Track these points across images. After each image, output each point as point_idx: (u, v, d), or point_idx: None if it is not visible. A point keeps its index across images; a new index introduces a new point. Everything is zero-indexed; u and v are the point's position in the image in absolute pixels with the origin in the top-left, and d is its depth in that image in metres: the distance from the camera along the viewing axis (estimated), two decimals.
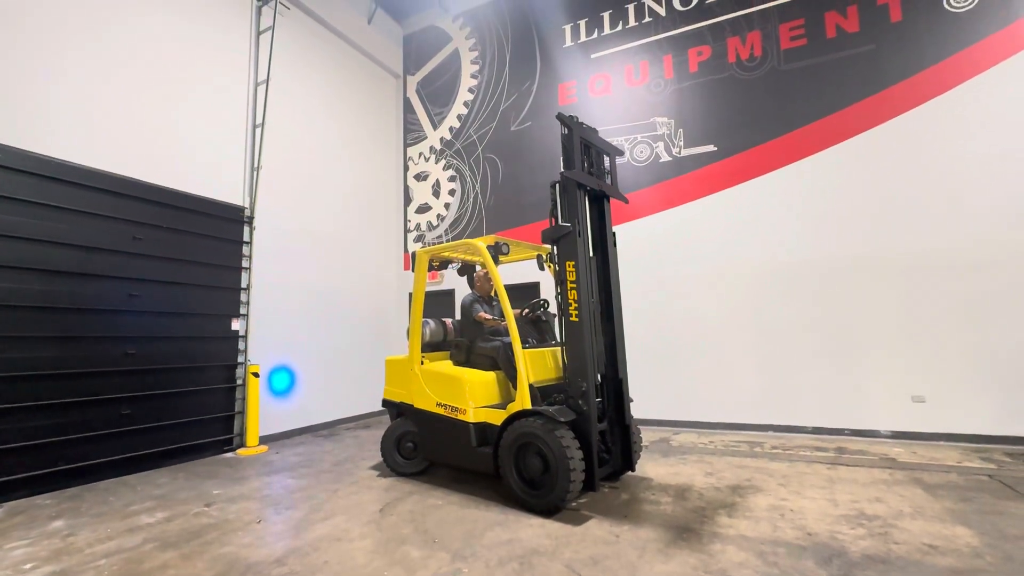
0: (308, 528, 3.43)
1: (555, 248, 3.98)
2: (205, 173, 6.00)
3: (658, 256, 6.97)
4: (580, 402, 3.67)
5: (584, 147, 4.20)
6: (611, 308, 4.20)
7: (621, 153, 4.71)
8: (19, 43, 4.52)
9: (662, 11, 7.37)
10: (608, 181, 4.46)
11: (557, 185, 4.05)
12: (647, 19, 7.47)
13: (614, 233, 4.38)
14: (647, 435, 6.13)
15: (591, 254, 4.19)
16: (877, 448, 5.22)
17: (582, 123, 4.19)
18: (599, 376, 4.10)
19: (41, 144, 4.60)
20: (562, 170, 4.05)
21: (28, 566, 2.94)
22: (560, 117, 4.11)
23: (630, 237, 7.01)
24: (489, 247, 4.21)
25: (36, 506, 4.04)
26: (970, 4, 5.66)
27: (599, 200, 4.36)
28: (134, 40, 5.44)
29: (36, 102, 4.61)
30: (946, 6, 5.76)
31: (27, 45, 4.58)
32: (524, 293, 7.39)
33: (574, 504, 3.72)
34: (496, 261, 4.23)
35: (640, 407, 6.35)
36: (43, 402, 4.45)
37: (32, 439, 4.35)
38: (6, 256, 4.30)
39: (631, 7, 7.60)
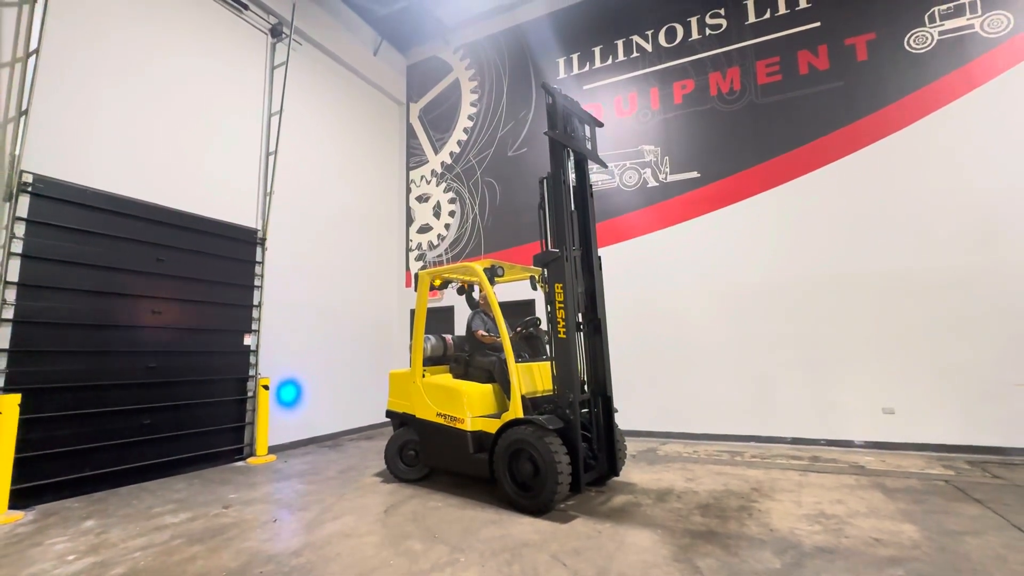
0: (320, 526, 3.78)
1: (545, 271, 4.39)
2: (223, 198, 6.45)
3: (646, 275, 7.39)
4: (567, 411, 4.04)
5: (566, 116, 4.68)
6: (598, 324, 4.59)
7: (601, 124, 5.24)
8: (63, 86, 5.00)
9: (649, 47, 7.91)
10: (588, 147, 4.98)
11: (545, 180, 4.51)
12: (635, 54, 8.00)
13: (599, 257, 4.79)
14: (637, 446, 6.47)
15: (572, 208, 4.58)
16: (849, 457, 5.57)
17: (565, 95, 4.68)
18: (587, 388, 4.48)
19: (79, 175, 5.04)
20: (546, 131, 4.54)
21: (71, 557, 3.28)
22: (544, 86, 4.62)
23: (620, 257, 7.45)
24: (485, 270, 4.62)
25: (66, 508, 4.38)
26: (928, 46, 6.17)
27: (580, 165, 4.85)
28: (163, 79, 5.93)
29: (76, 137, 5.07)
30: (906, 47, 6.27)
31: (69, 87, 5.06)
32: (520, 309, 7.78)
33: (562, 506, 4.07)
34: (492, 282, 4.64)
35: (630, 419, 6.72)
36: (72, 412, 4.81)
37: (62, 446, 4.70)
38: (44, 277, 4.71)
39: (620, 43, 8.14)
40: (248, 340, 6.56)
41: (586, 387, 4.51)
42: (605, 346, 4.58)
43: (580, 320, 4.47)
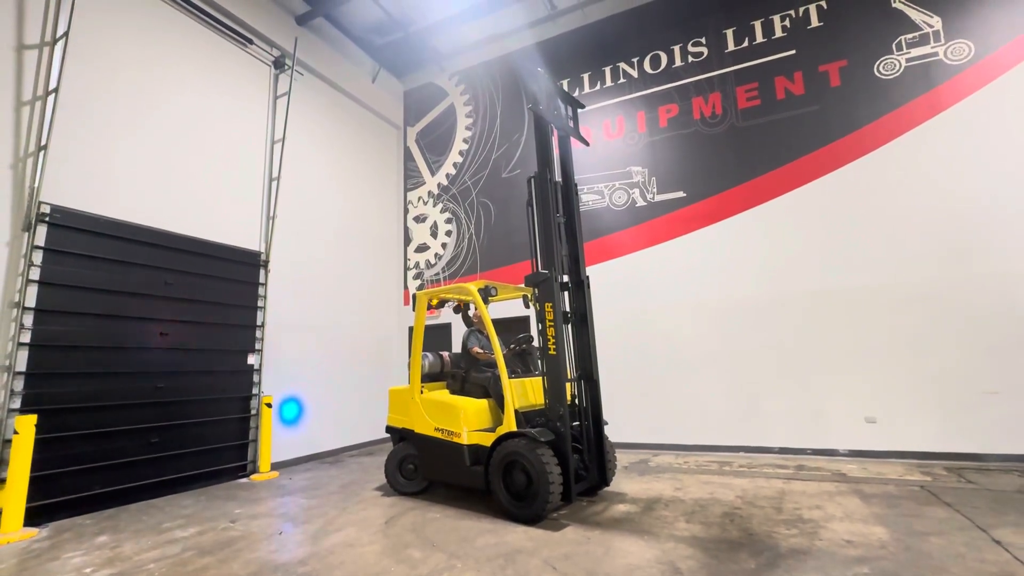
0: (324, 538, 3.96)
1: (536, 290, 4.65)
2: (228, 223, 6.73)
3: (636, 292, 7.65)
4: (558, 424, 4.26)
5: (549, 96, 5.03)
6: (588, 339, 4.82)
7: (582, 106, 5.65)
8: (79, 121, 5.30)
9: (635, 73, 8.29)
10: (571, 126, 5.39)
11: (533, 179, 4.80)
12: (622, 80, 8.38)
13: (588, 276, 5.05)
14: (630, 457, 6.66)
15: (558, 179, 4.95)
16: (833, 465, 5.77)
17: (549, 76, 5.06)
18: (577, 401, 4.71)
19: (93, 204, 5.32)
20: (529, 105, 4.88)
21: (89, 570, 3.47)
22: (523, 66, 4.98)
23: (611, 274, 7.74)
24: (479, 290, 4.88)
25: (79, 525, 4.55)
26: (896, 73, 6.55)
27: (563, 144, 5.23)
28: (172, 112, 6.24)
29: (91, 169, 5.36)
30: (876, 74, 6.64)
31: (84, 122, 5.36)
32: (514, 326, 8.02)
33: (554, 515, 4.27)
34: (486, 302, 4.89)
35: (624, 431, 6.94)
36: (84, 431, 5.01)
37: (74, 465, 4.89)
38: (60, 302, 4.95)
39: (608, 69, 8.53)
40: (251, 359, 6.77)
41: (576, 400, 4.73)
42: (595, 360, 4.78)
43: (567, 311, 4.75)
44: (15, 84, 4.94)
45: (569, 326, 4.75)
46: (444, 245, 9.65)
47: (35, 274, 4.81)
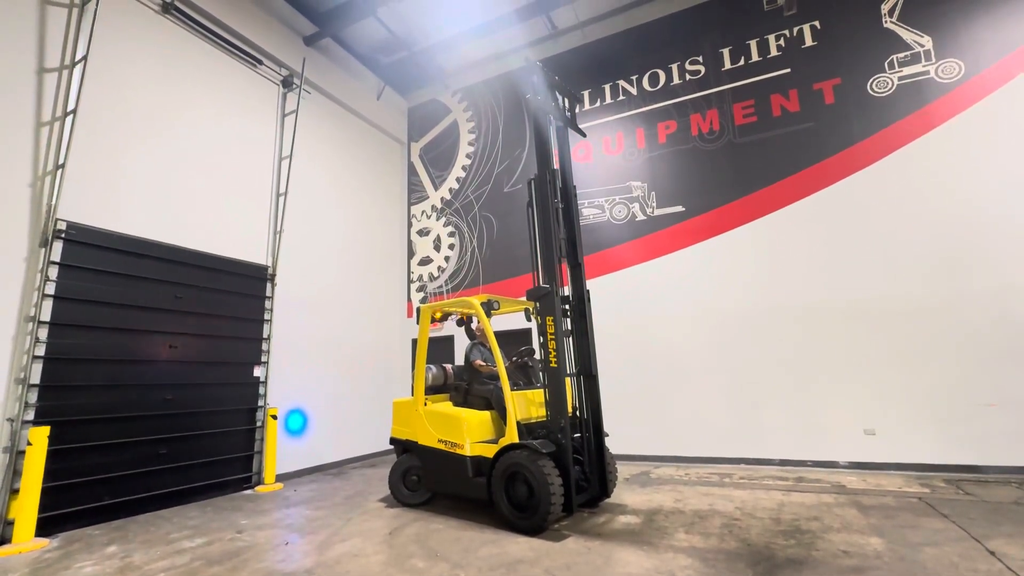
0: (329, 548, 4.04)
1: (538, 304, 4.76)
2: (236, 238, 6.89)
3: (637, 304, 7.76)
4: (560, 436, 4.34)
5: (548, 88, 5.26)
6: (589, 351, 4.92)
7: (580, 100, 5.70)
8: (95, 140, 5.49)
9: (634, 91, 8.49)
10: (568, 116, 5.61)
11: (533, 180, 4.94)
12: (621, 97, 8.57)
13: (588, 291, 5.16)
14: (631, 469, 6.71)
15: (556, 167, 5.12)
16: (833, 477, 5.82)
17: (546, 70, 5.25)
18: (578, 413, 4.79)
19: (107, 220, 5.48)
20: (528, 95, 5.05)
21: None
22: (528, 62, 5.14)
23: (611, 287, 7.85)
24: (482, 304, 4.99)
25: (88, 535, 4.63)
26: (889, 90, 6.71)
27: (561, 134, 5.47)
28: (183, 130, 6.44)
29: (106, 186, 5.54)
30: (869, 92, 6.80)
31: (100, 141, 5.55)
32: (518, 338, 8.11)
33: (556, 526, 4.33)
34: (488, 315, 5.00)
35: (626, 443, 7.01)
36: (94, 443, 5.11)
37: (84, 476, 4.98)
38: (73, 316, 5.08)
39: (607, 87, 8.72)
40: (257, 372, 6.88)
41: (577, 413, 4.81)
42: (595, 373, 4.88)
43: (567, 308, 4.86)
44: (35, 106, 5.12)
45: (570, 337, 4.85)
46: (447, 258, 9.79)
47: (51, 289, 4.95)
